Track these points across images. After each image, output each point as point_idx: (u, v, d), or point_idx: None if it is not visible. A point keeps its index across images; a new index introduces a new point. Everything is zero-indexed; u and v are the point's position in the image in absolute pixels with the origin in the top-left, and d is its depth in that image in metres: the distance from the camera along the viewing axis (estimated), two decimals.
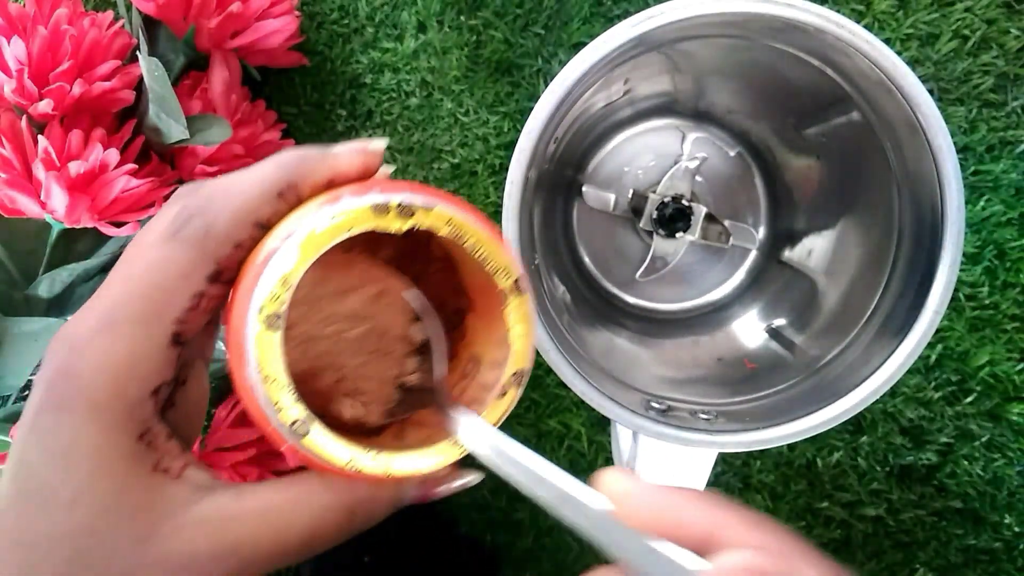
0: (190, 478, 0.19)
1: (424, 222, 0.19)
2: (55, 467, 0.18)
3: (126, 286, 0.19)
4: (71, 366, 0.18)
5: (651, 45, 0.33)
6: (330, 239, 0.18)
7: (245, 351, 0.18)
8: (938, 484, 0.47)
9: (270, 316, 0.18)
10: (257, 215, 0.19)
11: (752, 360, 0.40)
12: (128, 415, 0.18)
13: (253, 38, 0.43)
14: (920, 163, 0.30)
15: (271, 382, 0.18)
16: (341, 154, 0.20)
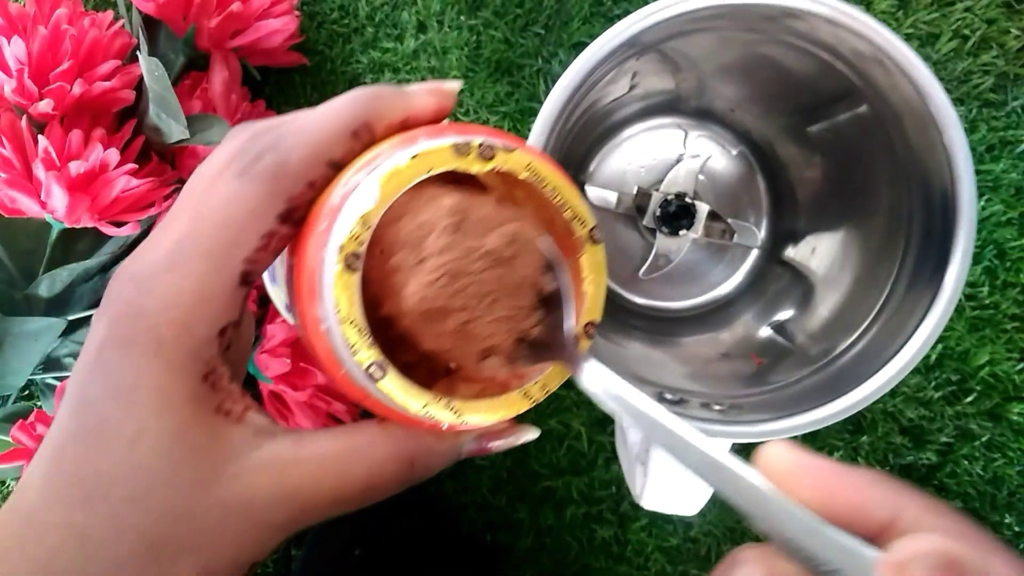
0: (251, 421, 0.19)
1: (505, 164, 0.19)
2: (118, 403, 0.18)
3: (195, 223, 0.18)
4: (138, 302, 0.18)
5: (655, 40, 0.33)
6: (412, 177, 0.18)
7: (321, 292, 0.18)
8: (938, 484, 0.48)
9: (349, 256, 0.17)
10: (331, 154, 0.19)
11: (760, 355, 0.40)
12: (194, 355, 0.18)
13: (253, 38, 0.43)
14: (930, 155, 0.30)
15: (348, 323, 0.17)
16: (416, 93, 0.20)
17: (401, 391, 0.18)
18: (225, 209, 0.18)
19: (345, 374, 0.18)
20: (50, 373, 0.42)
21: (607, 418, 0.48)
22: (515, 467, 0.49)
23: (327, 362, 0.18)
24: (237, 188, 0.18)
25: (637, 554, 0.49)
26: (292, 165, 0.18)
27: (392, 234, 0.20)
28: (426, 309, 0.19)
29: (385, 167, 0.18)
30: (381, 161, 0.18)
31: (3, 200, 0.38)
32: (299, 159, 0.18)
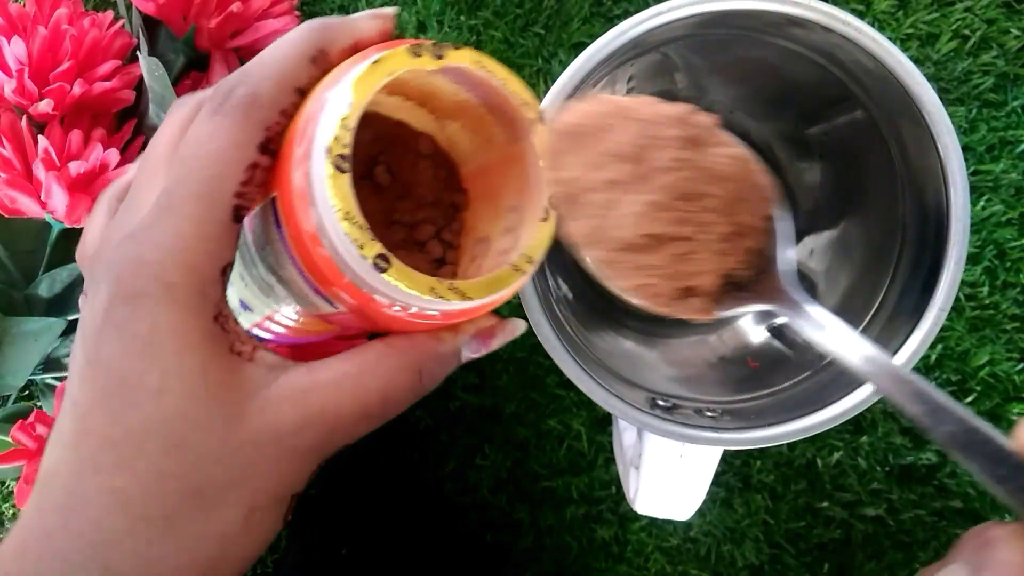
0: (263, 359, 0.19)
1: (455, 58, 0.19)
2: (137, 356, 0.18)
3: (179, 167, 0.19)
4: (138, 253, 0.18)
5: (654, 43, 0.33)
6: (377, 79, 0.18)
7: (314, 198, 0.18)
8: (938, 484, 0.48)
9: (336, 157, 0.18)
10: (296, 81, 0.19)
11: (755, 359, 0.40)
12: (203, 295, 0.18)
13: (253, 38, 0.43)
14: (924, 160, 0.30)
15: (348, 220, 0.18)
16: (360, 18, 0.21)
17: (408, 278, 0.18)
18: (208, 145, 0.18)
19: (350, 280, 0.18)
20: (50, 373, 0.42)
21: (607, 418, 0.48)
22: (515, 467, 0.49)
23: (330, 275, 0.18)
24: (216, 124, 0.19)
25: (637, 554, 0.49)
26: (263, 95, 0.19)
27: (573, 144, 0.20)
28: (644, 234, 0.19)
29: (352, 74, 0.18)
30: (343, 74, 0.19)
31: (3, 200, 0.38)
32: (268, 89, 0.19)
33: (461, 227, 0.24)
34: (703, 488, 0.35)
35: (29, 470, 0.37)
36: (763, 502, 0.48)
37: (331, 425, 0.19)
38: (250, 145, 0.19)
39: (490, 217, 0.23)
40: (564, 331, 0.33)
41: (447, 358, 0.21)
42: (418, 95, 0.23)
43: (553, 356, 0.32)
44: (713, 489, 0.44)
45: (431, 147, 0.24)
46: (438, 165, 0.24)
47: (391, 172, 0.24)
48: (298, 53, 0.19)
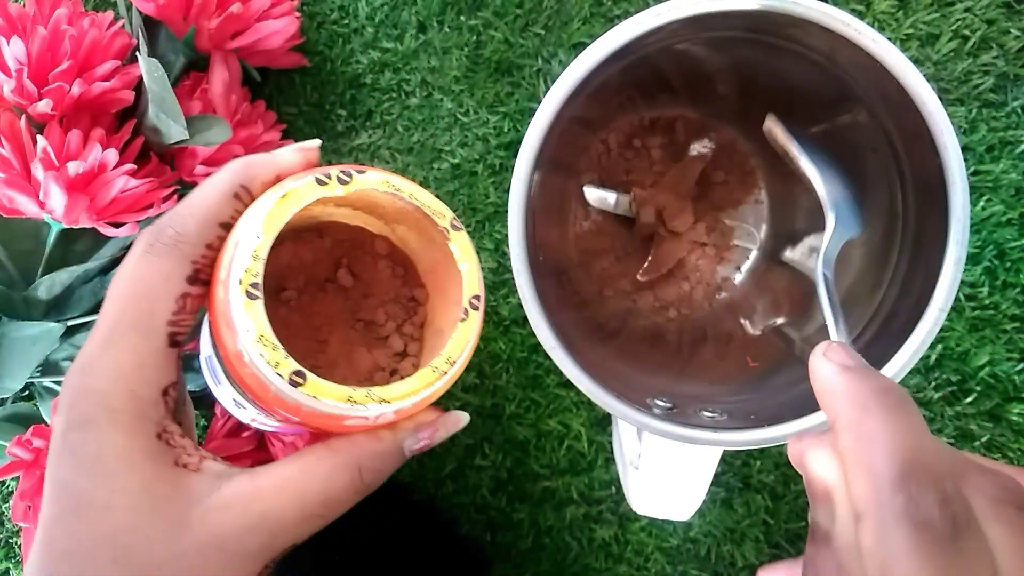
0: (208, 469, 0.21)
1: (362, 183, 0.22)
2: (87, 477, 0.20)
3: (119, 303, 0.21)
4: (86, 384, 0.20)
5: (654, 44, 0.33)
6: (286, 212, 0.20)
7: (233, 324, 0.20)
8: None
9: (250, 288, 0.20)
10: (219, 216, 0.21)
11: (754, 359, 0.40)
12: (144, 416, 0.20)
13: (253, 39, 0.43)
14: (924, 160, 0.30)
15: (262, 343, 0.20)
16: (283, 153, 0.23)
17: (323, 390, 0.20)
18: (141, 283, 0.21)
19: (275, 393, 0.20)
20: (49, 377, 0.42)
21: (607, 418, 0.48)
22: (515, 467, 0.49)
23: (259, 391, 0.20)
24: (147, 263, 0.21)
25: (637, 554, 0.49)
26: (190, 233, 0.21)
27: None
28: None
29: (263, 209, 0.21)
30: (260, 205, 0.21)
31: (2, 200, 0.38)
32: (195, 226, 0.21)
33: (423, 320, 0.26)
34: (703, 488, 0.35)
35: (25, 484, 0.37)
36: (763, 502, 0.48)
37: (274, 530, 0.20)
38: (179, 278, 0.21)
39: (443, 310, 0.25)
40: (563, 332, 0.33)
41: (387, 456, 0.22)
42: (363, 205, 0.25)
43: (553, 356, 0.32)
44: (713, 489, 0.44)
45: (387, 248, 0.26)
46: (396, 263, 0.27)
47: (353, 273, 0.26)
48: (221, 191, 0.22)
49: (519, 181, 0.32)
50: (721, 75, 0.40)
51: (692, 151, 0.46)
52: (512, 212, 0.32)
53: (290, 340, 0.22)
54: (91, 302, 0.42)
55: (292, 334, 0.25)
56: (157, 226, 0.21)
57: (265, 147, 0.44)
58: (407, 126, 0.48)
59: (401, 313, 0.26)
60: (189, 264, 0.21)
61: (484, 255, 0.48)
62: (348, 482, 0.21)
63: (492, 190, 0.48)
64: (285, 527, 0.20)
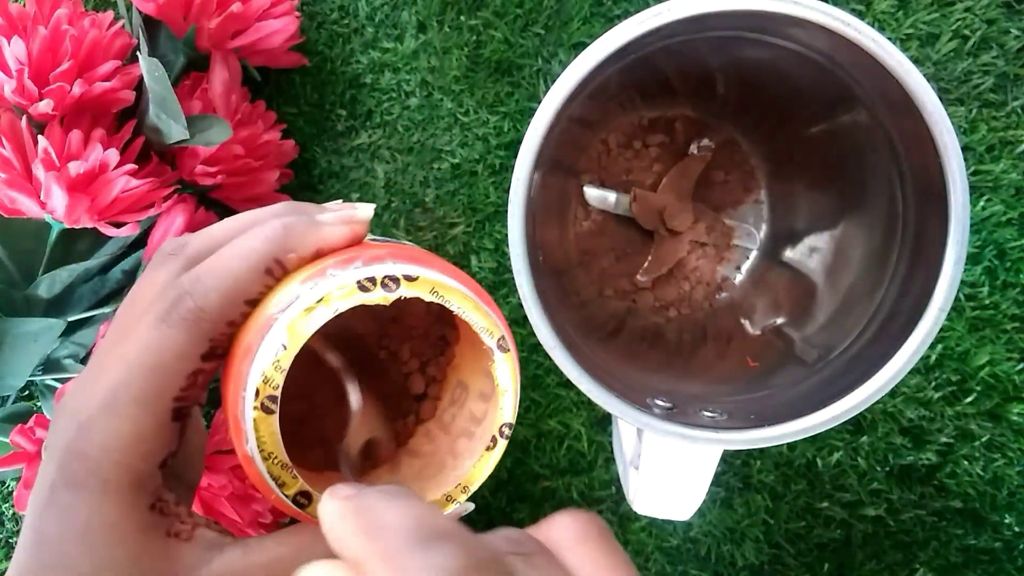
0: (201, 538, 0.20)
1: (408, 292, 0.19)
2: (74, 543, 0.19)
3: (126, 369, 0.20)
4: (81, 447, 0.19)
5: (654, 44, 0.33)
6: (318, 321, 0.19)
7: (244, 431, 0.19)
8: (938, 484, 0.48)
9: (265, 400, 0.19)
10: (246, 294, 0.20)
11: (754, 359, 0.40)
12: (139, 489, 0.20)
13: (254, 38, 0.43)
14: (924, 161, 0.30)
15: (272, 461, 0.19)
16: (328, 224, 0.20)
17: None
18: (152, 354, 0.19)
19: (276, 499, 0.20)
20: (50, 374, 0.42)
21: (607, 418, 0.48)
22: (515, 468, 0.49)
23: (263, 490, 0.20)
24: (162, 333, 0.19)
25: (637, 554, 0.49)
26: (211, 310, 0.19)
27: None
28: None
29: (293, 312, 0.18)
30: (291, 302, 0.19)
31: (3, 200, 0.38)
32: (217, 302, 0.19)
33: (450, 361, 0.25)
34: (703, 488, 0.35)
35: (28, 473, 0.37)
36: (763, 502, 0.48)
37: None
38: (194, 355, 0.19)
39: (472, 360, 0.24)
40: (563, 332, 0.33)
41: None
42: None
43: (553, 356, 0.32)
44: (713, 489, 0.44)
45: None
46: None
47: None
48: (251, 266, 0.20)
49: (519, 181, 0.32)
50: (721, 75, 0.40)
51: (692, 151, 0.46)
52: (512, 212, 0.32)
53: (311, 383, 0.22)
54: (91, 300, 0.42)
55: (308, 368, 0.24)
56: (176, 292, 0.20)
57: (266, 147, 0.44)
58: (407, 126, 0.48)
59: (428, 350, 0.25)
60: (207, 342, 0.20)
61: (484, 255, 0.48)
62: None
63: (492, 190, 0.48)
64: None
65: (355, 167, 0.49)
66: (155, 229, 0.41)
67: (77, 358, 0.41)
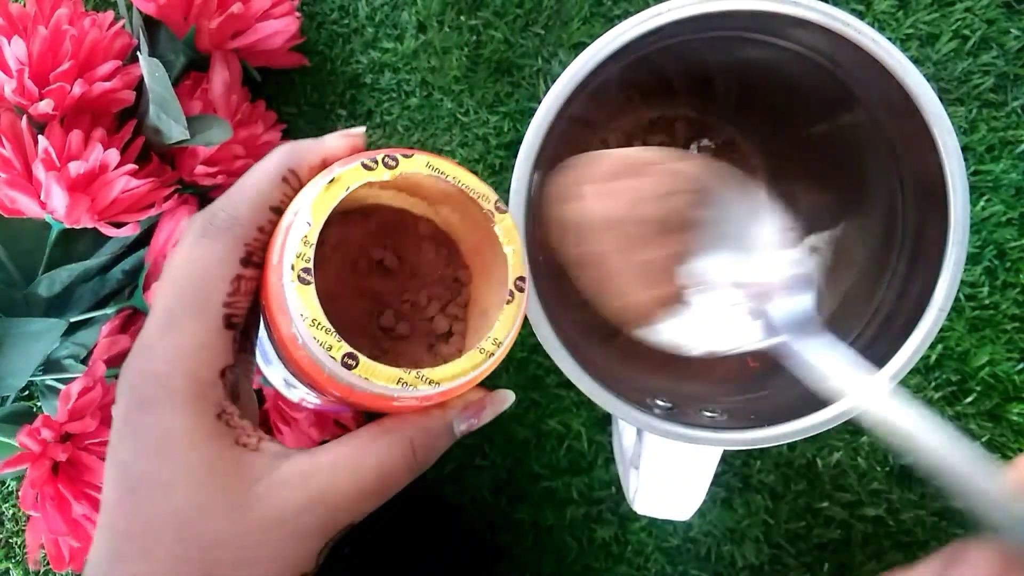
0: (267, 449, 0.21)
1: (408, 167, 0.22)
2: (150, 458, 0.20)
3: (175, 286, 0.21)
4: (145, 367, 0.21)
5: (654, 44, 0.33)
6: (334, 197, 0.21)
7: (287, 309, 0.20)
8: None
9: (301, 272, 0.20)
10: (270, 200, 0.22)
11: (754, 359, 0.40)
12: (204, 397, 0.21)
13: (254, 39, 0.43)
14: (924, 160, 0.30)
15: (315, 326, 0.20)
16: (329, 138, 0.23)
17: (375, 372, 0.20)
18: (196, 266, 0.21)
19: (328, 375, 0.21)
20: (50, 375, 0.42)
21: (607, 418, 0.48)
22: (515, 467, 0.49)
23: (312, 372, 0.21)
24: (202, 246, 0.21)
25: (637, 554, 0.49)
26: (242, 216, 0.22)
27: None
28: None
29: (311, 194, 0.21)
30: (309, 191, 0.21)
31: (3, 200, 0.38)
32: (247, 210, 0.22)
33: (468, 300, 0.27)
34: (703, 488, 0.35)
35: (34, 473, 0.37)
36: (763, 502, 0.48)
37: (333, 505, 0.21)
38: (233, 261, 0.21)
39: (487, 291, 0.26)
40: (563, 332, 0.33)
41: (438, 434, 0.23)
42: (408, 187, 0.25)
43: (553, 356, 0.32)
44: (713, 489, 0.44)
45: (431, 229, 0.27)
46: (439, 245, 0.27)
47: (398, 255, 0.27)
48: (270, 175, 0.22)
49: (519, 181, 0.32)
50: (721, 75, 0.40)
51: (692, 151, 0.46)
52: (512, 212, 0.32)
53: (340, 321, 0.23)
54: (91, 300, 0.42)
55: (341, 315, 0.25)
56: (210, 210, 0.22)
57: (266, 147, 0.44)
58: (407, 126, 0.48)
59: (446, 294, 0.27)
60: (242, 246, 0.21)
61: None
62: (401, 458, 0.22)
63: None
64: (344, 502, 0.21)
65: None
66: (158, 231, 0.42)
67: (78, 358, 0.42)
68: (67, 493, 0.37)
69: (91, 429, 0.37)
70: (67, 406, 0.37)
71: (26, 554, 0.49)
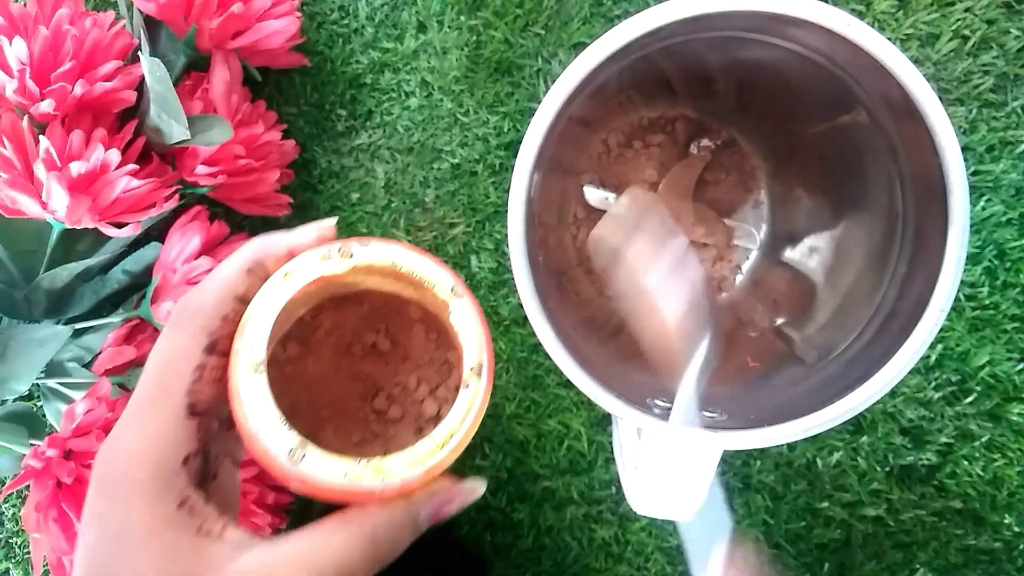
0: (229, 537, 0.21)
1: (362, 259, 0.22)
2: (112, 546, 0.21)
3: (145, 376, 0.22)
4: (111, 457, 0.21)
5: (654, 44, 0.33)
6: (290, 291, 0.22)
7: (241, 396, 0.21)
8: (938, 484, 0.48)
9: (254, 363, 0.21)
10: (235, 290, 0.23)
11: (754, 359, 0.40)
12: (166, 486, 0.21)
13: (254, 39, 0.43)
14: (924, 160, 0.30)
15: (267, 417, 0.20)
16: (299, 230, 0.24)
17: (323, 463, 0.21)
18: (162, 356, 0.22)
19: (281, 467, 0.21)
20: (53, 378, 0.42)
21: (607, 418, 0.48)
22: (515, 467, 0.49)
23: (267, 463, 0.21)
24: (169, 337, 0.22)
25: (637, 554, 0.49)
26: (207, 306, 0.22)
27: None
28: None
29: (268, 287, 0.22)
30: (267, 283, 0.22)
31: (4, 200, 0.38)
32: (212, 300, 0.22)
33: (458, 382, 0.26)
34: (703, 488, 0.35)
35: (38, 495, 0.37)
36: (763, 502, 0.48)
37: None
38: (197, 349, 0.22)
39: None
40: (563, 332, 0.33)
41: (401, 526, 0.23)
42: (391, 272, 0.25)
43: (553, 356, 0.32)
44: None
45: (420, 312, 0.27)
46: (430, 328, 0.27)
47: (392, 339, 0.27)
48: (236, 267, 0.23)
49: (519, 181, 0.32)
50: (721, 75, 0.40)
51: (692, 151, 0.46)
52: (512, 212, 0.32)
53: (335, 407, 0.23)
54: (92, 300, 0.42)
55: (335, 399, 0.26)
56: (181, 300, 0.23)
57: (266, 147, 0.44)
58: (407, 126, 0.49)
59: (436, 377, 0.27)
60: (206, 335, 0.22)
61: (484, 255, 0.48)
62: (362, 553, 0.22)
63: (492, 190, 0.48)
64: None
65: (355, 167, 0.49)
66: (168, 245, 0.41)
67: (81, 362, 0.42)
68: (70, 512, 0.37)
69: (95, 448, 0.37)
70: (72, 424, 0.37)
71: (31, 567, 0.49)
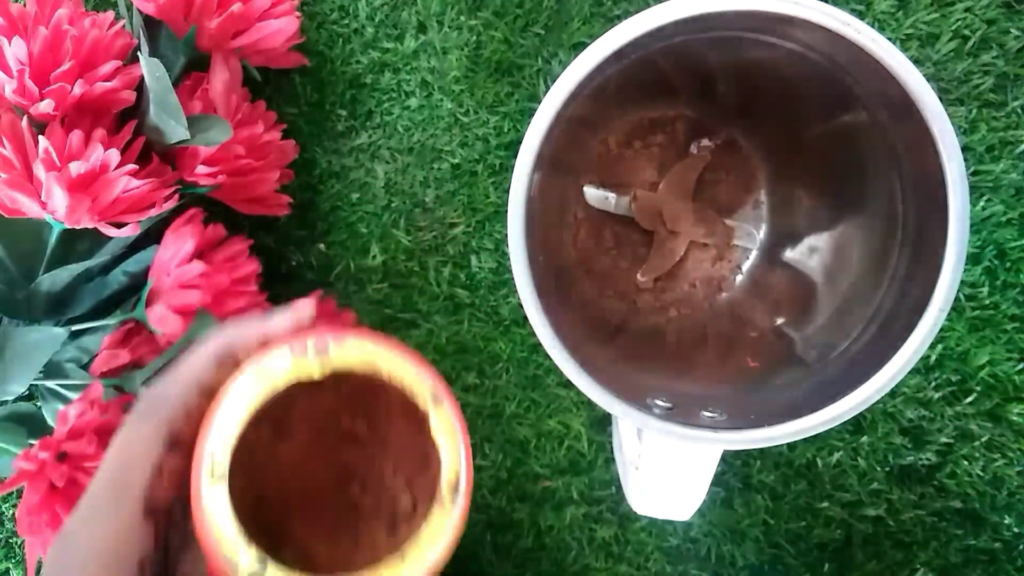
0: None
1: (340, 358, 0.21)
2: None
3: (102, 470, 0.21)
4: (63, 558, 0.20)
5: (654, 44, 0.33)
6: (258, 395, 0.20)
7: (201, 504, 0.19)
8: (938, 484, 0.48)
9: (216, 472, 0.20)
10: (200, 382, 0.21)
11: (754, 359, 0.40)
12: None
13: (254, 39, 0.43)
14: (924, 160, 0.30)
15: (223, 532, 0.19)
16: (275, 317, 0.22)
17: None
18: (122, 451, 0.21)
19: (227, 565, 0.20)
20: (52, 379, 0.42)
21: (607, 418, 0.48)
22: (515, 467, 0.49)
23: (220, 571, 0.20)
24: (131, 430, 0.21)
25: (637, 554, 0.49)
26: (171, 398, 0.21)
27: None
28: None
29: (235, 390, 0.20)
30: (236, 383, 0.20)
31: (3, 201, 0.38)
32: (175, 391, 0.21)
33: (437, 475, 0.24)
34: (703, 488, 0.35)
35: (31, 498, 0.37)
36: (763, 502, 0.48)
37: None
38: (156, 445, 0.21)
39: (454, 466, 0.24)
40: (563, 332, 0.33)
41: None
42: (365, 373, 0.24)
43: (553, 356, 0.32)
44: (713, 489, 0.44)
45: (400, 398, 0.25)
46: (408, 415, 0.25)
47: (369, 424, 0.26)
48: (204, 356, 0.21)
49: (519, 181, 0.32)
50: (721, 75, 0.40)
51: (692, 151, 0.46)
52: (512, 212, 0.32)
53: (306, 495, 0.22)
54: (92, 301, 0.42)
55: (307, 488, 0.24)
56: (148, 390, 0.21)
57: (266, 147, 0.44)
58: (407, 126, 0.48)
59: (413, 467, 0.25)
60: (166, 429, 0.21)
61: (484, 255, 0.48)
62: None
63: (492, 190, 0.48)
64: None
65: (355, 167, 0.49)
66: (163, 248, 0.41)
67: (80, 363, 0.41)
68: (63, 515, 0.37)
69: (89, 451, 0.37)
70: (65, 427, 0.37)
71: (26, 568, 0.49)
